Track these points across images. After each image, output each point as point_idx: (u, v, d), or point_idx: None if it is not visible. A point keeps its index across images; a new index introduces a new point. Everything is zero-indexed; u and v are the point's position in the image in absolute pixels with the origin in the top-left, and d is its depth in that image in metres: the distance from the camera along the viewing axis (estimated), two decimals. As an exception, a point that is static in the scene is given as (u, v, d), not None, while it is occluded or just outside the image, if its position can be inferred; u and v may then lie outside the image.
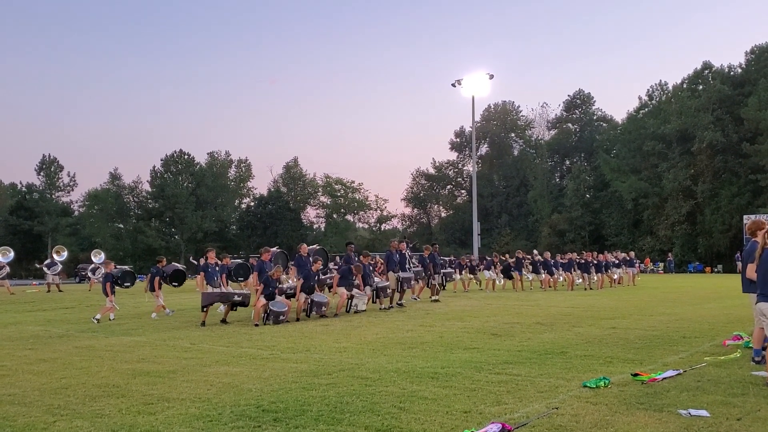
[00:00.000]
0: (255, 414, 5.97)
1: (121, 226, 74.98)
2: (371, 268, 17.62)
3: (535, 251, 28.32)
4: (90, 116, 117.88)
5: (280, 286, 14.98)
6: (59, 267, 30.66)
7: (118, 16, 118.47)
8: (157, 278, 16.61)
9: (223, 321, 14.38)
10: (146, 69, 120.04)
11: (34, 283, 41.46)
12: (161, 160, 73.57)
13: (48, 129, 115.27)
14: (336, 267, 19.46)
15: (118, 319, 15.58)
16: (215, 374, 8.04)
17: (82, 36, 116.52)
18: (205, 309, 14.28)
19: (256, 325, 13.47)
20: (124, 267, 18.54)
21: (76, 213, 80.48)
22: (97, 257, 33.54)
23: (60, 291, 28.28)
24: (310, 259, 15.88)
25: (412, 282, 18.30)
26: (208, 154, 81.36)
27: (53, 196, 76.46)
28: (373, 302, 16.99)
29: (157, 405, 6.41)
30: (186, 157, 74.05)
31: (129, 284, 17.61)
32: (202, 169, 75.76)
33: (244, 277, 18.24)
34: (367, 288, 16.55)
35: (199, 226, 70.34)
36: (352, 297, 15.89)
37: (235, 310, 15.00)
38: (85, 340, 11.93)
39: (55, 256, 29.63)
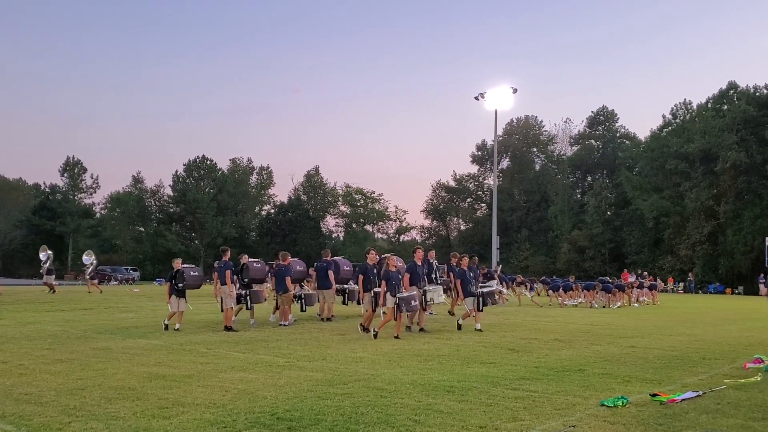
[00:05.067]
0: (269, 422, 5.96)
1: (142, 229, 75.71)
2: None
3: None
4: (115, 119, 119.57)
5: (300, 292, 14.95)
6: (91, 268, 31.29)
7: (146, 20, 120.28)
8: (228, 272, 14.81)
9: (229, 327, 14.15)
10: (172, 73, 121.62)
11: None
12: (184, 165, 74.42)
13: (73, 131, 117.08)
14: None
15: (136, 320, 15.64)
16: (231, 380, 8.05)
17: (109, 38, 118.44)
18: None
19: (282, 324, 13.64)
20: (189, 266, 16.41)
21: (98, 215, 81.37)
22: (89, 258, 34.10)
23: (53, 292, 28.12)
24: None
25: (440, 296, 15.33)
26: (230, 160, 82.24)
27: (76, 198, 77.40)
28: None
29: (172, 409, 6.42)
30: (208, 162, 74.68)
31: (181, 284, 14.80)
32: (224, 175, 76.35)
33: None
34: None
35: (219, 232, 70.75)
36: (425, 292, 14.38)
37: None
38: (102, 341, 12.01)
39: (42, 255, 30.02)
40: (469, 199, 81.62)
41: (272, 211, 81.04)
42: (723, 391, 7.67)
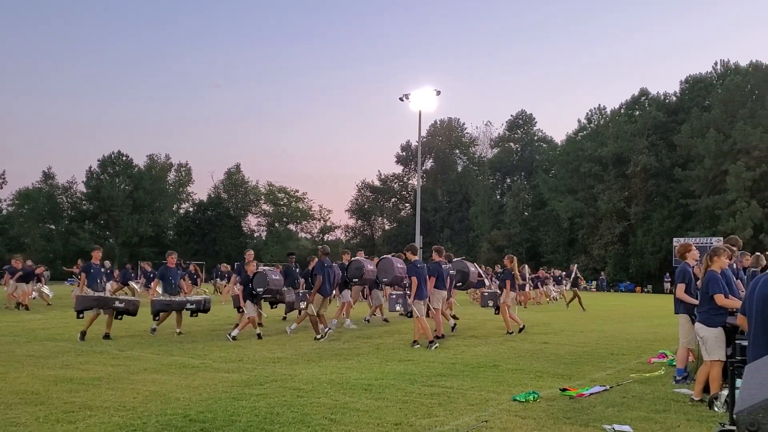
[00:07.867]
0: (181, 424, 5.82)
1: (53, 227, 72.45)
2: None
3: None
4: (25, 112, 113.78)
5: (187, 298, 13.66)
6: None
7: (60, 12, 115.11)
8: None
9: (106, 336, 12.39)
10: (87, 66, 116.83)
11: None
12: (98, 160, 71.55)
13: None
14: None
15: (44, 322, 14.97)
16: (142, 382, 7.81)
17: (22, 29, 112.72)
18: (80, 315, 12.40)
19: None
20: (269, 267, 14.87)
21: (4, 212, 77.30)
22: None
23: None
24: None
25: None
26: (147, 156, 79.43)
27: (-20, 194, 73.49)
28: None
29: (78, 413, 6.17)
30: (124, 158, 72.16)
31: (261, 289, 13.35)
32: (141, 172, 73.91)
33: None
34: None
35: (135, 230, 68.60)
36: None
37: (120, 318, 12.86)
38: (4, 344, 11.43)
39: None
40: (393, 199, 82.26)
41: (191, 209, 79.06)
42: (629, 385, 8.00)
